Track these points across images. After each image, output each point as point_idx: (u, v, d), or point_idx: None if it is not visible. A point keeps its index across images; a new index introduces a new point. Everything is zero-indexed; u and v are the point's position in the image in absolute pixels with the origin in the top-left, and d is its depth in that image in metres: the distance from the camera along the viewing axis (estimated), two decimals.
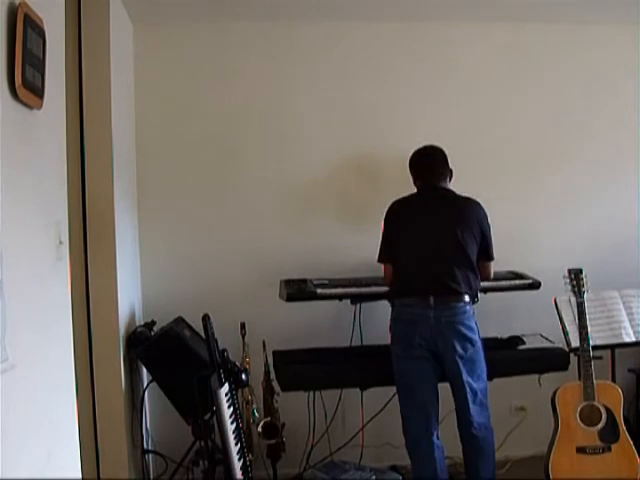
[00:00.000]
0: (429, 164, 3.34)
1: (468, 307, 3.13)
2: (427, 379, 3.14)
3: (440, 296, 3.09)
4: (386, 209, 3.33)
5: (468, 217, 3.20)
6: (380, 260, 3.32)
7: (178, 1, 3.52)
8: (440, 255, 3.14)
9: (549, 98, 4.05)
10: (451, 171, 3.34)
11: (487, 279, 3.31)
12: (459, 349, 3.08)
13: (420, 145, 3.42)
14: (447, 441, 3.20)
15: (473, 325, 3.13)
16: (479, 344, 3.14)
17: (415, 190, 3.38)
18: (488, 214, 3.26)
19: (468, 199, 3.27)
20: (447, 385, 3.17)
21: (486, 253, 3.25)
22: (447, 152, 3.36)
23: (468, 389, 3.10)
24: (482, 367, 3.16)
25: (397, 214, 3.30)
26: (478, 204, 3.25)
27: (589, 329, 3.33)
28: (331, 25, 3.88)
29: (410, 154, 3.42)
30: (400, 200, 3.33)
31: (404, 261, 3.22)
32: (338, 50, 3.93)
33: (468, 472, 3.18)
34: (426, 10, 3.77)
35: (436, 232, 3.17)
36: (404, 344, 3.15)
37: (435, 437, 3.14)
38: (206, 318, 3.09)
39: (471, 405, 3.10)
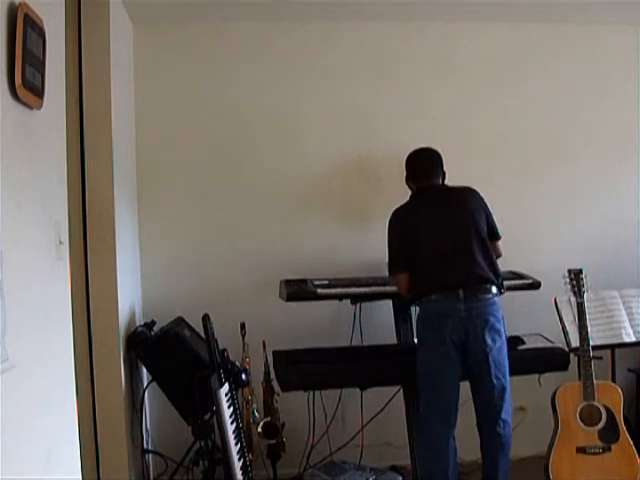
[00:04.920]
0: (429, 165, 3.35)
1: (496, 299, 3.12)
2: (454, 378, 3.08)
3: (469, 288, 3.07)
4: (389, 219, 3.27)
5: (471, 203, 3.23)
6: (395, 271, 3.23)
7: (178, 2, 3.52)
8: (462, 247, 3.12)
9: (549, 98, 4.05)
10: (444, 173, 3.36)
11: (500, 257, 3.31)
12: (489, 341, 3.05)
13: (420, 145, 3.42)
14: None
15: (500, 317, 3.12)
16: (505, 337, 3.13)
17: (409, 190, 3.38)
18: None
19: (463, 188, 3.29)
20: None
21: (493, 233, 3.28)
22: (446, 152, 3.38)
23: (496, 384, 3.06)
24: (507, 362, 3.12)
25: (407, 219, 3.24)
26: (473, 189, 3.28)
27: (589, 329, 3.34)
28: (331, 25, 3.88)
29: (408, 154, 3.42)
30: (403, 207, 3.30)
31: (425, 262, 3.16)
32: (338, 50, 3.93)
33: (487, 471, 3.12)
34: (425, 10, 3.77)
35: (451, 224, 3.16)
36: (435, 341, 3.08)
37: (452, 439, 3.09)
38: (206, 318, 3.10)
39: (497, 401, 3.06)
